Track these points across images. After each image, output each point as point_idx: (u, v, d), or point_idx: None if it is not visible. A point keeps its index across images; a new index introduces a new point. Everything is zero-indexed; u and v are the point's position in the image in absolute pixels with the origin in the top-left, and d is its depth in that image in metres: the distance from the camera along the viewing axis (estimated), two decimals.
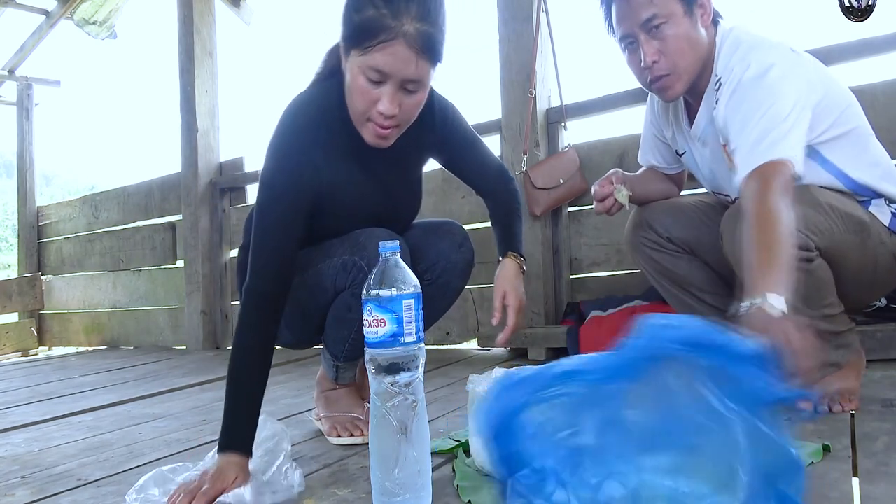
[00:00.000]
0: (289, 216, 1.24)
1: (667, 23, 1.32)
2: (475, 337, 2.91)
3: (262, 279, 1.21)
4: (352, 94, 1.22)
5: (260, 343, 1.18)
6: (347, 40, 1.19)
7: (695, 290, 1.54)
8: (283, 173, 1.26)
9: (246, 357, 1.17)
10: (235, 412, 1.14)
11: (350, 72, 1.20)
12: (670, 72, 1.35)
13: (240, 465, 1.09)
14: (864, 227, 1.33)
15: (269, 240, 1.23)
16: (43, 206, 5.01)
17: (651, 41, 1.33)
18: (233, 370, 1.16)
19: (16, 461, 1.56)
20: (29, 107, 4.99)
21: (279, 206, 1.24)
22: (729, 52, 1.35)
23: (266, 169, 1.28)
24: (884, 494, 0.91)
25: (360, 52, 1.16)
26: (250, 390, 1.15)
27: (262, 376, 1.17)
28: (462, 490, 1.05)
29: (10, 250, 12.55)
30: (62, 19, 4.57)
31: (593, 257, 2.62)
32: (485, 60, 3.35)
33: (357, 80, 1.18)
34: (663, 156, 1.66)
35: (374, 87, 1.18)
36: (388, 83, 1.17)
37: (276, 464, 1.13)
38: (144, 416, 1.98)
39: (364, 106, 1.20)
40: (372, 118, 1.22)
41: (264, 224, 1.23)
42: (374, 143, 1.26)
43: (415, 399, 0.97)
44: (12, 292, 4.74)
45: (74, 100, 60.65)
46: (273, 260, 1.22)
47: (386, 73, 1.16)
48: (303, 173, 1.26)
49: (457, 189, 2.98)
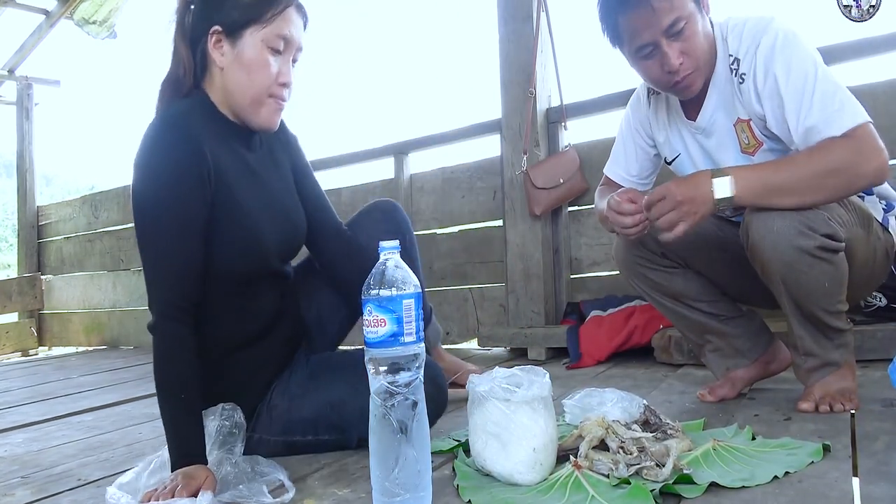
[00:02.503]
0: (188, 213, 1.16)
1: (687, 23, 1.31)
2: (475, 337, 2.91)
3: (176, 294, 1.16)
4: (252, 73, 1.24)
5: (190, 353, 1.16)
6: (240, 20, 1.23)
7: (689, 300, 1.53)
8: (168, 164, 1.16)
9: (179, 372, 1.15)
10: (185, 427, 1.13)
11: (246, 52, 1.23)
12: (694, 69, 1.35)
13: (203, 468, 1.11)
14: (870, 222, 1.36)
15: (171, 253, 1.16)
16: (43, 206, 5.01)
17: (673, 44, 1.32)
18: (168, 387, 1.14)
19: (15, 461, 1.56)
20: (29, 106, 4.99)
21: (174, 203, 1.15)
22: (737, 32, 1.35)
23: (144, 173, 1.17)
24: (884, 494, 0.91)
25: (261, 26, 1.22)
26: (193, 405, 1.15)
27: (199, 386, 1.16)
28: (462, 490, 1.05)
29: (10, 250, 12.53)
30: (62, 19, 4.57)
31: (593, 257, 2.62)
32: (485, 60, 3.35)
33: (260, 55, 1.23)
34: (641, 167, 1.62)
35: (274, 61, 1.23)
36: (283, 54, 1.25)
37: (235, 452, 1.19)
38: (144, 416, 1.98)
39: (267, 81, 1.24)
40: (273, 94, 1.26)
41: (160, 234, 1.16)
42: (268, 125, 1.28)
43: (415, 399, 0.97)
44: (12, 292, 4.74)
45: (74, 100, 60.62)
46: (183, 274, 1.16)
47: (289, 39, 1.24)
48: (190, 161, 1.17)
49: (457, 188, 2.99)
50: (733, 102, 1.39)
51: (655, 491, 0.95)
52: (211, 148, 1.21)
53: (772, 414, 1.38)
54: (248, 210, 1.26)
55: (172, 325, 1.16)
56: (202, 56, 1.27)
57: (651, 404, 1.28)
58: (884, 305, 1.90)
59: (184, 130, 1.18)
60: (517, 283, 2.65)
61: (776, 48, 1.30)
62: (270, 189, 1.34)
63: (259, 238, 1.28)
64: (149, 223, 1.17)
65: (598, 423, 1.12)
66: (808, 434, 1.21)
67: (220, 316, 1.28)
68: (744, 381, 1.54)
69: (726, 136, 1.42)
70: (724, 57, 1.38)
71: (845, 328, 1.36)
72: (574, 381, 1.95)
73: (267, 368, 1.37)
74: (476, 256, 2.93)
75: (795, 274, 1.27)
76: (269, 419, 1.35)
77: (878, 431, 1.19)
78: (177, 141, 1.17)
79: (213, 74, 1.28)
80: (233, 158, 1.27)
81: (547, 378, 1.10)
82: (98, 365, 3.43)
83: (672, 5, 1.30)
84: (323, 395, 1.34)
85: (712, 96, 1.41)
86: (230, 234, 1.24)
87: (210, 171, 1.20)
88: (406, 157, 3.17)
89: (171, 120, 1.20)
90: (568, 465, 1.05)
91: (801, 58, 1.28)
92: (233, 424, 1.22)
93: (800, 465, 1.04)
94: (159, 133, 1.19)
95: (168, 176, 1.16)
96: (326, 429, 1.34)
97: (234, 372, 1.33)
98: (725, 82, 1.39)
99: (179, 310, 1.17)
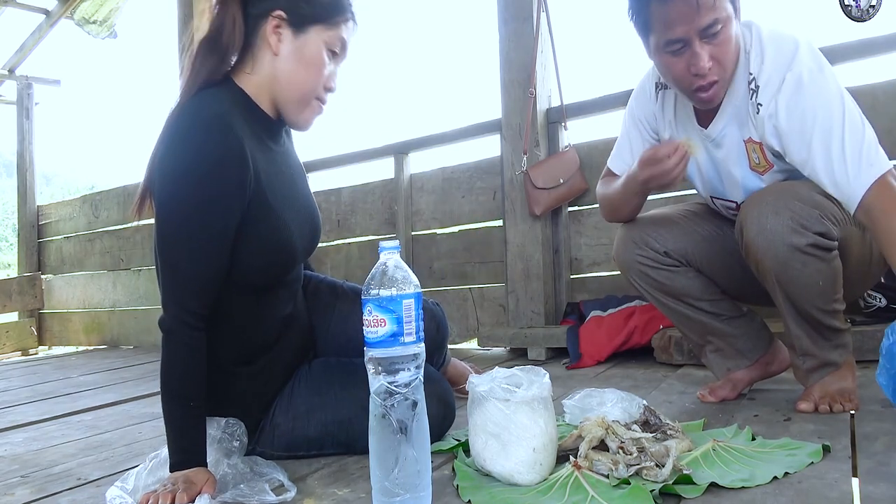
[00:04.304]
0: (225, 219, 1.12)
1: (724, 26, 1.25)
2: (475, 337, 2.91)
3: (197, 301, 1.12)
4: (309, 69, 1.22)
5: (202, 360, 1.13)
6: (309, 15, 1.21)
7: (691, 300, 1.52)
8: (210, 165, 1.09)
9: (190, 379, 1.12)
10: (189, 431, 1.12)
11: (309, 47, 1.22)
12: (720, 78, 1.30)
13: (203, 470, 1.10)
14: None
15: (200, 259, 1.11)
16: (43, 206, 5.01)
17: (706, 45, 1.26)
18: (176, 392, 1.12)
19: (15, 460, 1.56)
20: (29, 106, 4.99)
21: (211, 207, 1.10)
22: (758, 51, 1.30)
23: (179, 170, 1.10)
24: (884, 494, 0.91)
25: (327, 27, 1.22)
26: (199, 411, 1.13)
27: (206, 392, 1.14)
28: (462, 490, 1.05)
29: (10, 249, 12.54)
30: (62, 18, 4.57)
31: (593, 257, 2.62)
32: (485, 60, 3.35)
33: (319, 54, 1.23)
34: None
35: (329, 63, 1.24)
36: (336, 60, 1.26)
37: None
38: (144, 416, 1.98)
39: (317, 81, 1.24)
40: (320, 96, 1.26)
41: (190, 238, 1.10)
42: (306, 125, 1.29)
43: (415, 399, 0.97)
44: (12, 291, 4.74)
45: (74, 99, 60.64)
46: (208, 281, 1.13)
47: (345, 47, 1.26)
48: (234, 164, 1.11)
49: (457, 189, 2.99)
50: (747, 121, 1.35)
51: (655, 491, 0.95)
52: (251, 148, 1.15)
53: (772, 414, 1.38)
54: (279, 212, 1.21)
55: (188, 332, 1.11)
56: (252, 34, 1.21)
57: (651, 404, 1.28)
58: (884, 306, 1.90)
59: (229, 133, 1.11)
60: (517, 283, 2.65)
61: (803, 89, 1.24)
62: (296, 187, 1.31)
63: (288, 240, 1.24)
64: (181, 225, 1.11)
65: (597, 423, 1.12)
66: (808, 434, 1.21)
67: (232, 324, 1.23)
68: (744, 381, 1.54)
69: (736, 150, 1.39)
70: (745, 72, 1.33)
71: (843, 328, 1.36)
72: (574, 382, 1.95)
73: (275, 380, 1.33)
74: (476, 256, 2.93)
75: (789, 272, 1.27)
76: (272, 437, 1.31)
77: (878, 432, 1.19)
78: (221, 143, 1.10)
79: (260, 59, 1.22)
80: (266, 157, 1.22)
81: (547, 378, 1.10)
82: (98, 364, 3.43)
83: (715, 4, 1.22)
84: (330, 415, 1.30)
85: (727, 109, 1.36)
86: (260, 237, 1.19)
87: (251, 177, 1.14)
88: (406, 157, 3.17)
89: (214, 117, 1.11)
90: (568, 466, 1.05)
91: (827, 100, 1.22)
92: (233, 439, 1.21)
93: (799, 465, 1.04)
94: (201, 131, 1.10)
95: (208, 177, 1.09)
96: (333, 445, 1.32)
97: (243, 383, 1.28)
98: (742, 98, 1.34)
99: (197, 317, 1.12)
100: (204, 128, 1.11)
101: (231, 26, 1.19)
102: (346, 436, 1.31)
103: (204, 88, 1.18)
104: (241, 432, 1.23)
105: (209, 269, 1.12)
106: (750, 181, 1.40)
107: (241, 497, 1.09)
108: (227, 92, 1.20)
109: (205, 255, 1.11)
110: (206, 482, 1.07)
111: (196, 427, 1.13)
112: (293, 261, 1.28)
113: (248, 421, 1.27)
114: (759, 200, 1.30)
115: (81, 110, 64.51)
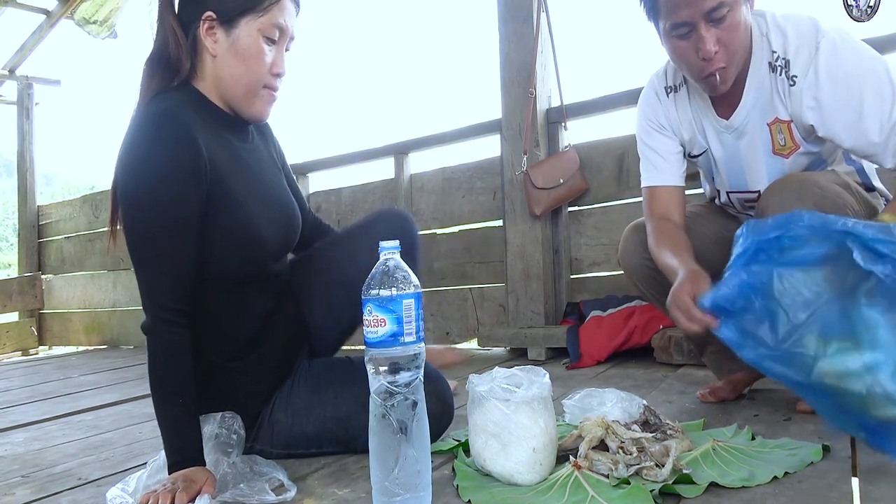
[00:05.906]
0: (185, 210, 1.13)
1: (730, 10, 1.24)
2: (475, 337, 2.91)
3: (172, 296, 1.13)
4: (248, 63, 1.22)
5: (187, 356, 1.15)
6: (236, 8, 1.21)
7: None
8: (162, 158, 1.12)
9: (176, 376, 1.14)
10: (183, 430, 1.13)
11: (242, 41, 1.22)
12: (728, 63, 1.29)
13: (202, 469, 1.10)
14: (875, 214, 1.36)
15: (167, 253, 1.12)
16: (43, 206, 5.02)
17: (711, 30, 1.25)
18: (164, 390, 1.13)
19: (16, 460, 1.56)
20: (29, 106, 4.99)
21: (169, 200, 1.11)
22: (779, 30, 1.30)
23: (135, 168, 1.13)
24: (884, 494, 0.91)
25: (257, 15, 1.21)
26: (190, 408, 1.14)
27: (195, 388, 1.15)
28: (462, 490, 1.05)
29: (11, 249, 12.54)
30: (62, 19, 4.57)
31: (593, 257, 2.62)
32: (485, 60, 3.35)
33: (255, 45, 1.22)
34: (679, 166, 1.52)
35: (269, 50, 1.23)
36: (278, 44, 1.25)
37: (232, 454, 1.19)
38: (144, 416, 1.98)
39: (263, 71, 1.24)
40: (268, 84, 1.26)
41: (154, 233, 1.12)
42: (261, 116, 1.29)
43: (415, 399, 0.97)
44: (12, 292, 4.74)
45: (74, 99, 60.62)
46: (178, 274, 1.14)
47: (283, 29, 1.24)
48: (186, 154, 1.13)
49: (457, 189, 2.99)
50: (773, 102, 1.34)
51: (655, 491, 0.95)
52: (205, 140, 1.17)
53: (771, 414, 1.38)
54: (244, 204, 1.22)
55: (168, 328, 1.13)
56: (192, 41, 1.24)
57: (651, 404, 1.28)
58: None
59: (177, 122, 1.14)
60: (517, 283, 2.65)
61: (840, 54, 1.24)
62: (265, 181, 1.32)
63: (256, 233, 1.24)
64: (141, 222, 1.13)
65: (597, 423, 1.12)
66: (808, 434, 1.21)
67: (215, 320, 1.25)
68: (744, 382, 1.54)
69: (759, 136, 1.38)
70: (764, 56, 1.32)
71: None
72: (574, 381, 1.95)
73: (269, 375, 1.33)
74: (476, 256, 2.93)
75: None
76: (271, 433, 1.32)
77: None
78: (170, 133, 1.13)
79: (203, 62, 1.25)
80: (227, 150, 1.24)
81: (547, 378, 1.10)
82: (98, 364, 3.44)
83: None
84: (329, 411, 1.31)
85: (749, 95, 1.36)
86: (226, 230, 1.20)
87: (206, 165, 1.16)
88: (406, 157, 3.18)
89: (163, 111, 1.14)
90: (568, 466, 1.05)
91: (868, 59, 1.23)
92: (231, 433, 1.21)
93: (800, 465, 1.04)
94: (150, 125, 1.14)
95: (162, 171, 1.11)
96: (331, 442, 1.32)
97: (235, 379, 1.29)
98: (765, 81, 1.34)
99: (175, 312, 1.14)
100: (153, 121, 1.14)
101: (174, 39, 1.23)
102: (345, 433, 1.31)
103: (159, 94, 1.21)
104: (239, 425, 1.23)
105: (176, 262, 1.14)
106: (773, 166, 1.39)
107: (241, 496, 1.09)
108: (181, 93, 1.23)
109: (170, 248, 1.13)
110: (206, 481, 1.07)
111: (189, 426, 1.13)
112: (261, 255, 1.28)
113: (245, 417, 1.27)
114: (782, 188, 1.30)
115: (81, 110, 64.55)
